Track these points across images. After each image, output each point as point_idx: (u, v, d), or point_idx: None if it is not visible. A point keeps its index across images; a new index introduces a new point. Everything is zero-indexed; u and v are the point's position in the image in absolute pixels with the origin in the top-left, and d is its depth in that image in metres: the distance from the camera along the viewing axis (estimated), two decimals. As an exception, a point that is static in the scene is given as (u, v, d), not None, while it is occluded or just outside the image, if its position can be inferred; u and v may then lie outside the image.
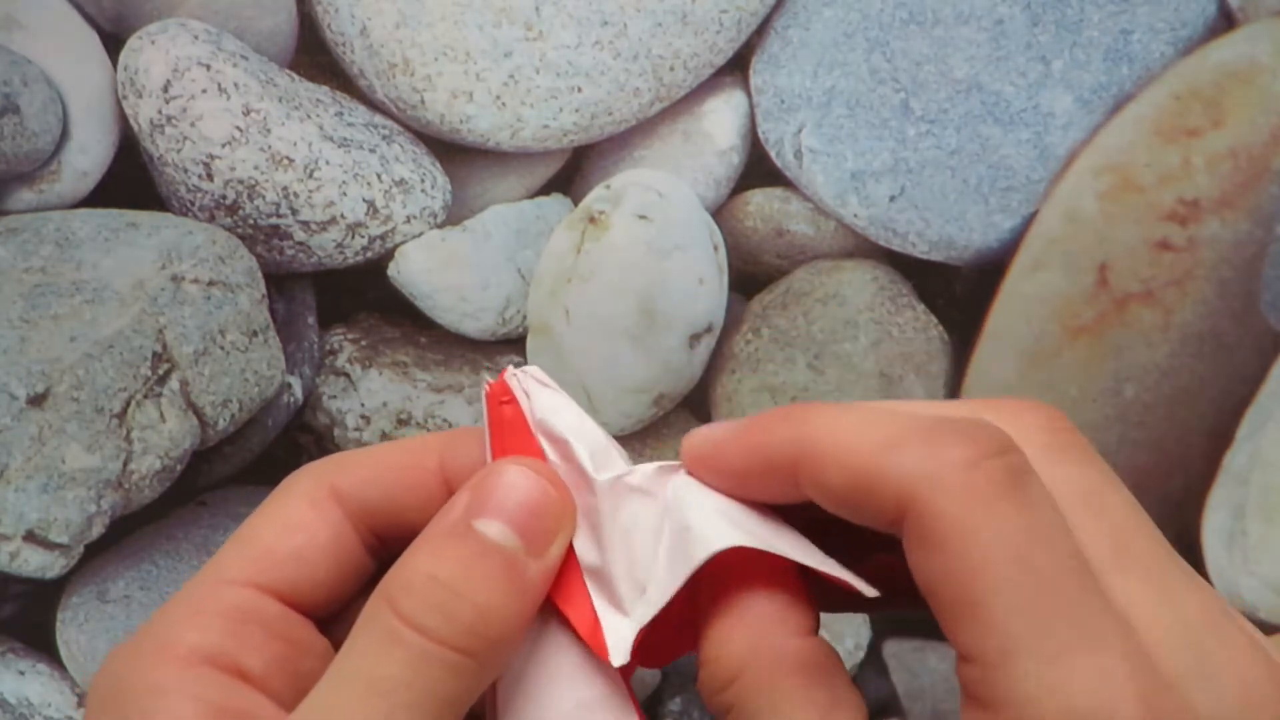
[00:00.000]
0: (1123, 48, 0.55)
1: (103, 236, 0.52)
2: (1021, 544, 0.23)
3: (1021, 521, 0.24)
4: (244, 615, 0.27)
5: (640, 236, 0.54)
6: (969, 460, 0.24)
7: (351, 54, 0.55)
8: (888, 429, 0.25)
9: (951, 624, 0.24)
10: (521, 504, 0.27)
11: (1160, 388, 0.54)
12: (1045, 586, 0.23)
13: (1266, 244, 0.54)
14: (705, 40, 0.55)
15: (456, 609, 0.25)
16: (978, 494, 0.24)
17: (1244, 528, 0.51)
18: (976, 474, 0.24)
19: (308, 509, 0.29)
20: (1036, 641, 0.23)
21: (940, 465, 0.24)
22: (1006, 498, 0.24)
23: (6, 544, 0.48)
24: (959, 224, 0.55)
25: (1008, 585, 0.23)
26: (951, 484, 0.24)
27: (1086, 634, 0.23)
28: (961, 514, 0.24)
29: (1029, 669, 0.23)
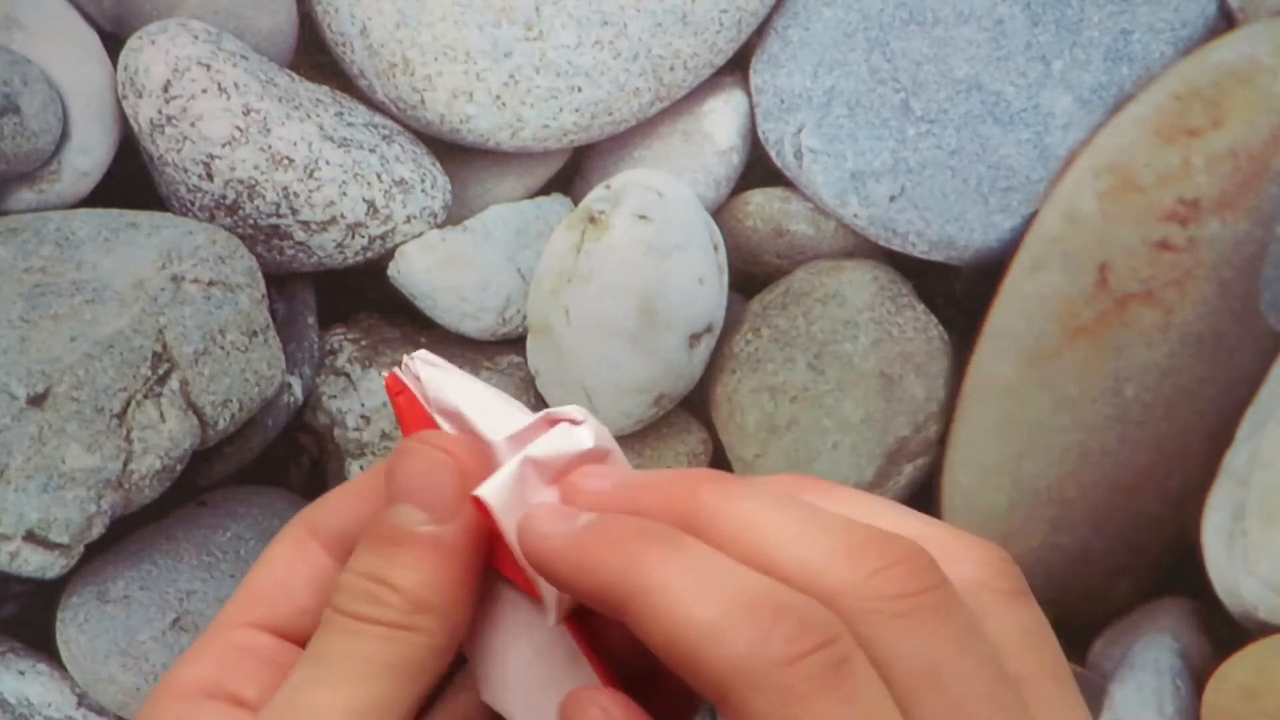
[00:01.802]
0: (1123, 48, 0.55)
1: (103, 236, 0.52)
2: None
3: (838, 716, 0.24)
4: (239, 651, 0.30)
5: (640, 236, 0.54)
6: (789, 656, 0.24)
7: (351, 54, 0.55)
8: (719, 599, 0.25)
9: None
10: (418, 479, 0.29)
11: (1160, 388, 0.54)
12: None
13: (1266, 244, 0.54)
14: (705, 40, 0.55)
15: (379, 593, 0.28)
16: (795, 694, 0.24)
17: (1244, 528, 0.51)
18: (796, 670, 0.24)
19: (289, 548, 0.32)
20: None
21: (759, 659, 0.24)
22: (827, 694, 0.24)
23: (6, 544, 0.48)
24: (959, 224, 0.55)
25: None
26: (768, 682, 0.24)
27: None
28: (775, 715, 0.24)
29: None
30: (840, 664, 0.24)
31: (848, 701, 0.24)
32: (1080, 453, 0.55)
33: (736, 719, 0.24)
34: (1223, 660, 0.51)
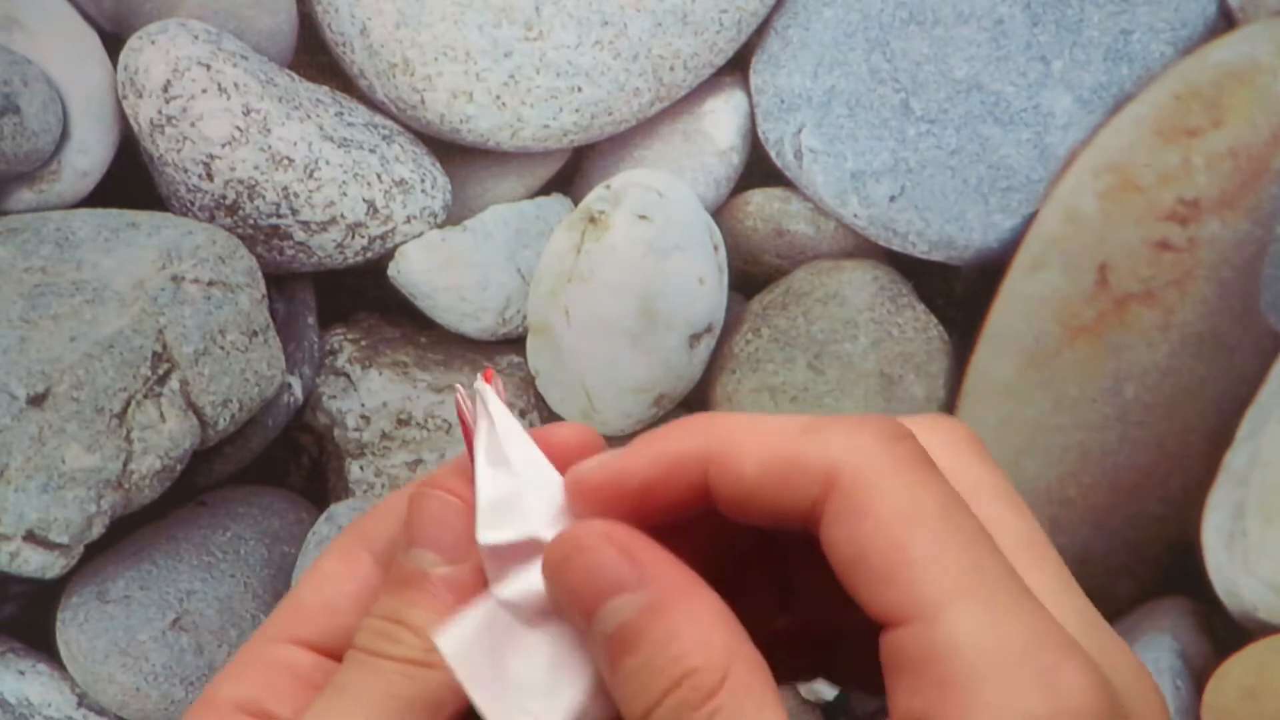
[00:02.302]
0: (1123, 48, 0.55)
1: (103, 236, 0.52)
2: (946, 510, 0.25)
3: (940, 492, 0.25)
4: (277, 668, 0.31)
5: (640, 236, 0.54)
6: (888, 436, 0.26)
7: (351, 54, 0.55)
8: (801, 420, 0.27)
9: (879, 589, 0.25)
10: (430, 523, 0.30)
11: (1160, 388, 0.54)
12: (973, 547, 0.25)
13: (1266, 244, 0.54)
14: (705, 40, 0.55)
15: (398, 633, 0.29)
16: (901, 466, 0.25)
17: (1244, 528, 0.51)
18: (897, 448, 0.26)
19: (339, 562, 0.32)
20: (974, 592, 0.24)
21: (862, 442, 0.26)
22: (924, 470, 0.26)
23: (6, 544, 0.48)
24: (959, 224, 0.55)
25: (941, 544, 0.24)
26: (876, 458, 0.25)
27: (1014, 589, 0.24)
28: (889, 483, 0.25)
29: (971, 617, 0.24)
30: (925, 453, 0.26)
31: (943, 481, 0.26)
32: (1080, 453, 0.55)
33: (840, 501, 0.25)
34: (1223, 660, 0.51)
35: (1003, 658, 0.23)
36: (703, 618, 0.26)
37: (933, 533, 0.24)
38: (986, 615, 0.24)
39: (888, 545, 0.25)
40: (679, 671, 0.25)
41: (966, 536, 0.25)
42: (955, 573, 0.24)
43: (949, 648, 0.23)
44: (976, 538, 0.25)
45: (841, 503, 0.25)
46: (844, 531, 0.25)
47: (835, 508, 0.25)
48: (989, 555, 0.25)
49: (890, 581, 0.24)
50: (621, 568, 0.26)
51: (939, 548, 0.24)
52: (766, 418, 0.27)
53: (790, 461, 0.26)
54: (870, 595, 0.25)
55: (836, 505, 0.25)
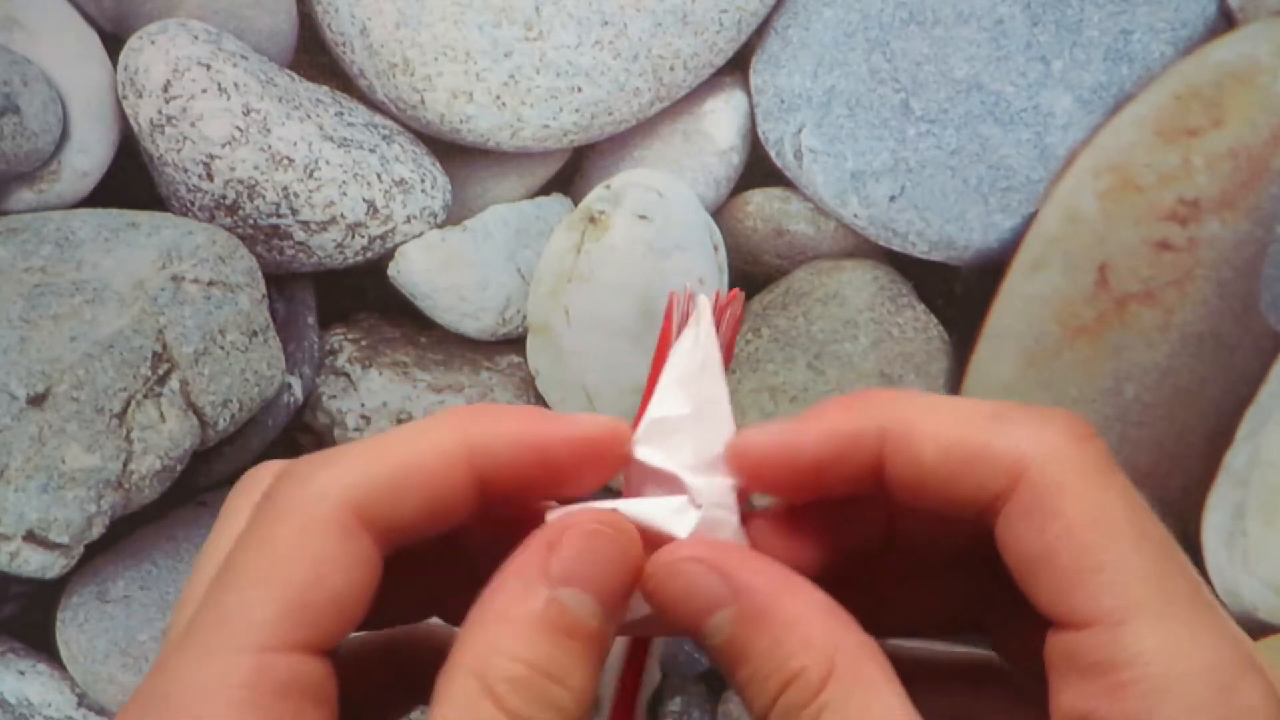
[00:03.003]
0: (1123, 48, 0.55)
1: (103, 236, 0.52)
2: (1136, 516, 0.25)
3: (1130, 497, 0.25)
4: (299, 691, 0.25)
5: (640, 236, 0.54)
6: (1076, 435, 0.25)
7: (351, 54, 0.55)
8: (984, 407, 0.26)
9: (1063, 590, 0.24)
10: (602, 567, 0.26)
11: (1160, 388, 0.54)
12: (1161, 556, 0.24)
13: (1266, 244, 0.54)
14: (705, 40, 0.55)
15: (558, 697, 0.25)
16: (1091, 468, 0.25)
17: (1244, 528, 0.51)
18: (1087, 448, 0.25)
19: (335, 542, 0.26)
20: (1160, 604, 0.24)
21: (1052, 438, 0.25)
22: (1113, 473, 0.25)
23: (6, 544, 0.48)
24: (959, 224, 0.55)
25: (1131, 552, 0.24)
26: (1067, 457, 0.25)
27: (1198, 601, 0.24)
28: (1080, 484, 0.25)
29: (1155, 628, 0.23)
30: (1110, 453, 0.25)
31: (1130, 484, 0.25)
32: (1080, 453, 0.55)
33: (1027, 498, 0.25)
34: (1223, 660, 0.51)
35: (1183, 672, 0.23)
36: (801, 618, 0.25)
37: (1122, 540, 0.24)
38: (1171, 629, 0.24)
39: (1077, 548, 0.24)
40: (786, 675, 0.25)
41: (1154, 547, 0.24)
42: (1143, 583, 0.24)
43: (1132, 656, 0.23)
44: (1164, 548, 0.25)
45: (1029, 499, 0.25)
46: (1030, 529, 0.25)
47: (1022, 504, 0.25)
48: (1175, 567, 0.24)
49: (1076, 585, 0.24)
50: (713, 584, 0.26)
51: (1128, 556, 0.24)
52: (947, 400, 0.27)
53: (975, 450, 0.25)
54: (1052, 595, 0.25)
55: (1023, 501, 0.25)
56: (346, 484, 0.26)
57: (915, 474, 0.26)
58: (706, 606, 0.26)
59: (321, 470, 0.26)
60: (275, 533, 0.26)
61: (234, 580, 0.25)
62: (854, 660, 0.25)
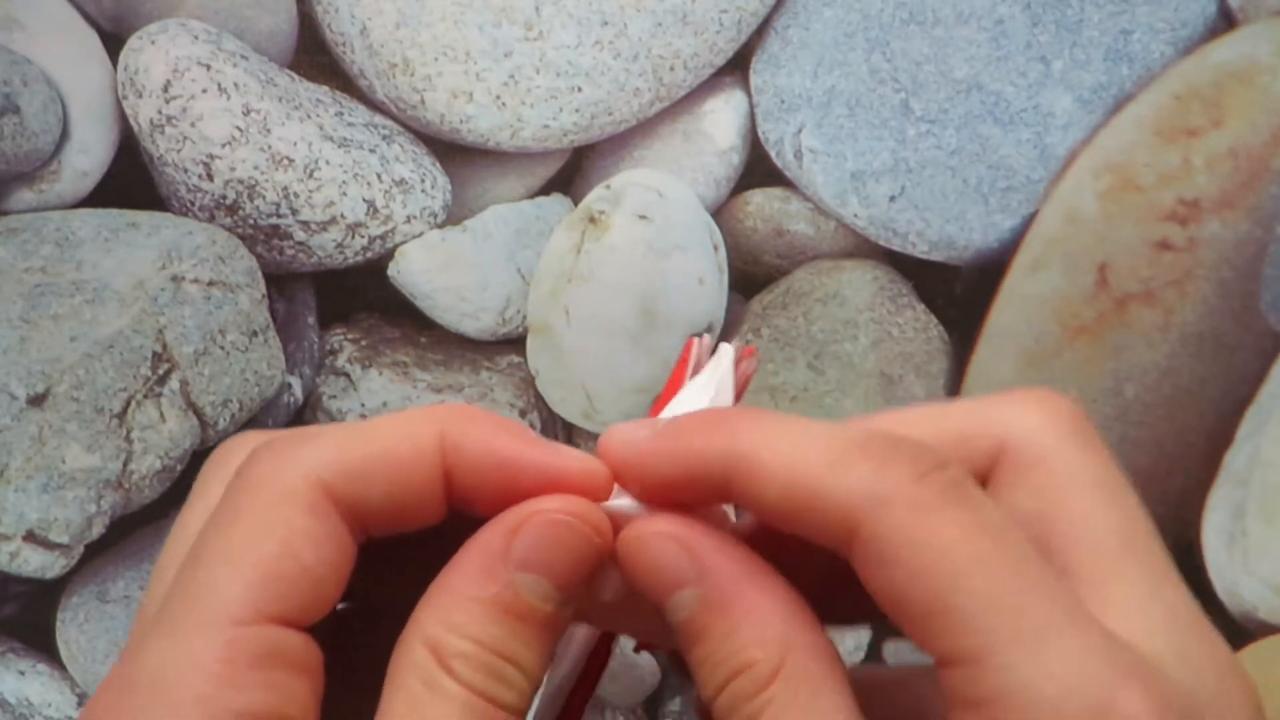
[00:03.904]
0: (1123, 48, 0.55)
1: (103, 236, 0.52)
2: (978, 545, 0.24)
3: (973, 524, 0.24)
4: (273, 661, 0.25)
5: (640, 236, 0.54)
6: (912, 476, 0.25)
7: (351, 54, 0.55)
8: (827, 445, 0.25)
9: (922, 634, 0.24)
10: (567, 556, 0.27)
11: (1160, 388, 0.54)
12: (1010, 579, 0.24)
13: (1266, 244, 0.54)
14: (705, 40, 0.55)
15: (508, 673, 0.26)
16: (926, 506, 0.24)
17: (1244, 528, 0.51)
18: (922, 487, 0.24)
19: (304, 516, 0.26)
20: (1015, 631, 0.23)
21: (884, 483, 0.25)
22: (954, 505, 0.24)
23: (6, 544, 0.48)
24: (959, 224, 0.55)
25: (974, 584, 0.24)
26: (899, 499, 0.24)
27: (1060, 617, 0.24)
28: (914, 527, 0.24)
29: (1014, 658, 0.23)
30: (961, 483, 0.25)
31: (976, 511, 0.25)
32: (1080, 453, 0.55)
33: (867, 547, 0.25)
34: (1223, 660, 0.51)
35: (1055, 694, 0.23)
36: (760, 611, 0.26)
37: (966, 573, 0.24)
38: (1034, 655, 0.23)
39: (921, 596, 0.24)
40: (736, 665, 0.25)
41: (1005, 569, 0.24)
42: (996, 615, 0.24)
43: (1000, 690, 0.23)
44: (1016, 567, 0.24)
45: (867, 550, 0.25)
46: (873, 576, 0.25)
47: (862, 554, 0.25)
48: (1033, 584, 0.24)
49: (932, 629, 0.24)
50: (681, 564, 0.26)
51: (974, 587, 0.24)
52: (799, 428, 0.26)
53: (810, 501, 0.25)
54: (916, 637, 0.25)
55: (863, 551, 0.25)
56: (318, 463, 0.26)
57: (761, 510, 0.26)
58: (672, 583, 0.27)
59: (295, 447, 0.27)
60: (245, 508, 0.26)
61: (205, 557, 0.26)
62: (805, 660, 0.25)
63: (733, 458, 0.26)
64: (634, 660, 0.56)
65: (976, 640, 0.24)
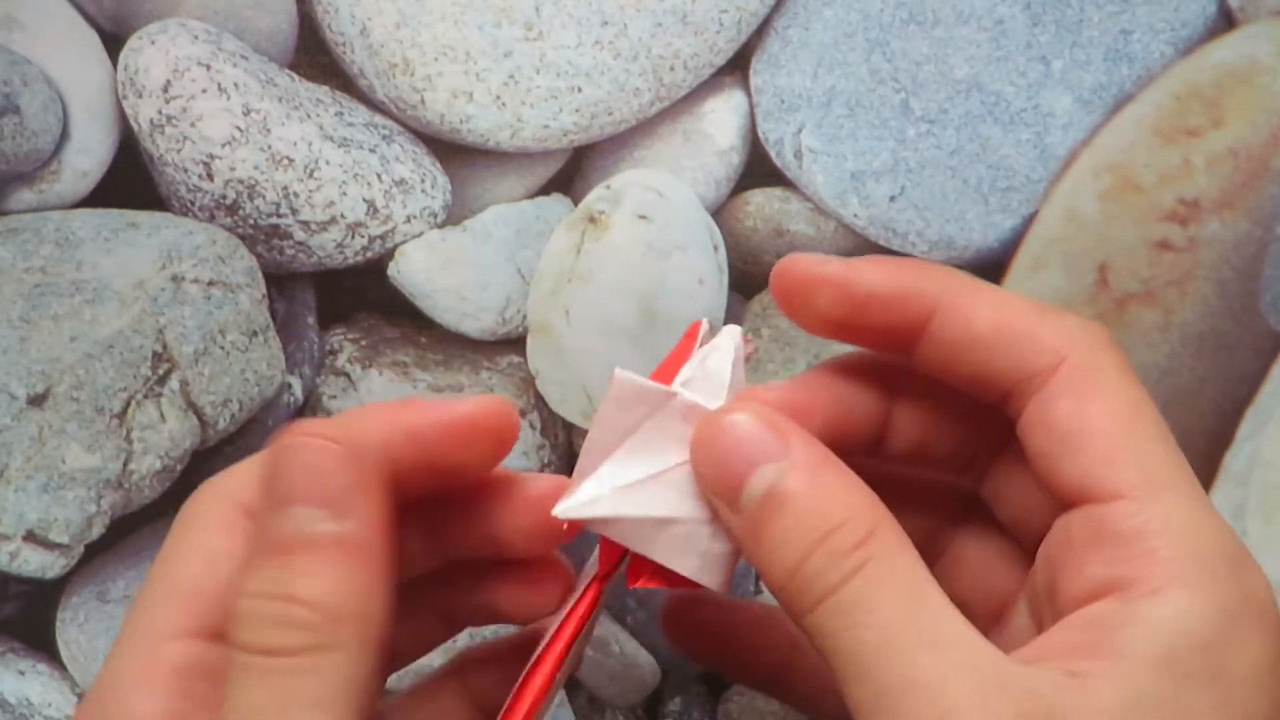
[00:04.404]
0: (1123, 48, 0.55)
1: (103, 236, 0.52)
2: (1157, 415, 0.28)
3: (1151, 401, 0.28)
4: (190, 672, 0.26)
5: (640, 236, 0.54)
6: (1110, 342, 0.28)
7: (351, 54, 0.55)
8: (1031, 301, 0.29)
9: (1095, 464, 0.27)
10: (307, 473, 0.25)
11: (1160, 388, 0.54)
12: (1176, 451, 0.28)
13: (1266, 244, 0.54)
14: (705, 40, 0.55)
15: (285, 613, 0.24)
16: (1124, 368, 0.28)
17: (1244, 528, 0.51)
18: (1119, 354, 0.28)
19: (223, 536, 0.27)
20: (1181, 487, 0.27)
21: (1094, 335, 0.28)
22: (1137, 380, 0.28)
23: (6, 544, 0.48)
24: (959, 224, 0.55)
25: (1154, 437, 0.27)
26: (1105, 353, 0.28)
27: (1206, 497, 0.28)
28: (1117, 377, 0.27)
29: (1177, 507, 0.26)
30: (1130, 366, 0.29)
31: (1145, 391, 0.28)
32: (1080, 453, 0.55)
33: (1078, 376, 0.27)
34: (1223, 660, 0.51)
35: (1204, 547, 0.26)
36: (849, 482, 0.27)
37: (1150, 428, 0.27)
38: (1192, 511, 0.26)
39: (1111, 426, 0.27)
40: (830, 524, 0.25)
41: (1171, 443, 0.28)
42: (1167, 466, 0.27)
43: (1161, 528, 0.26)
44: (1176, 447, 0.28)
45: (1072, 379, 0.27)
46: (1070, 405, 0.27)
47: (1064, 383, 0.27)
48: (1185, 464, 0.28)
49: (1109, 460, 0.26)
50: (769, 439, 0.27)
51: (1155, 442, 0.27)
52: (997, 288, 0.29)
53: (1026, 329, 0.27)
54: (1083, 468, 0.27)
55: (1066, 381, 0.27)
56: (235, 484, 0.28)
57: (964, 339, 0.28)
58: (757, 458, 0.27)
59: (223, 476, 0.28)
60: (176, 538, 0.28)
61: (146, 586, 0.27)
62: (894, 531, 0.26)
63: (949, 290, 0.28)
64: (634, 660, 0.56)
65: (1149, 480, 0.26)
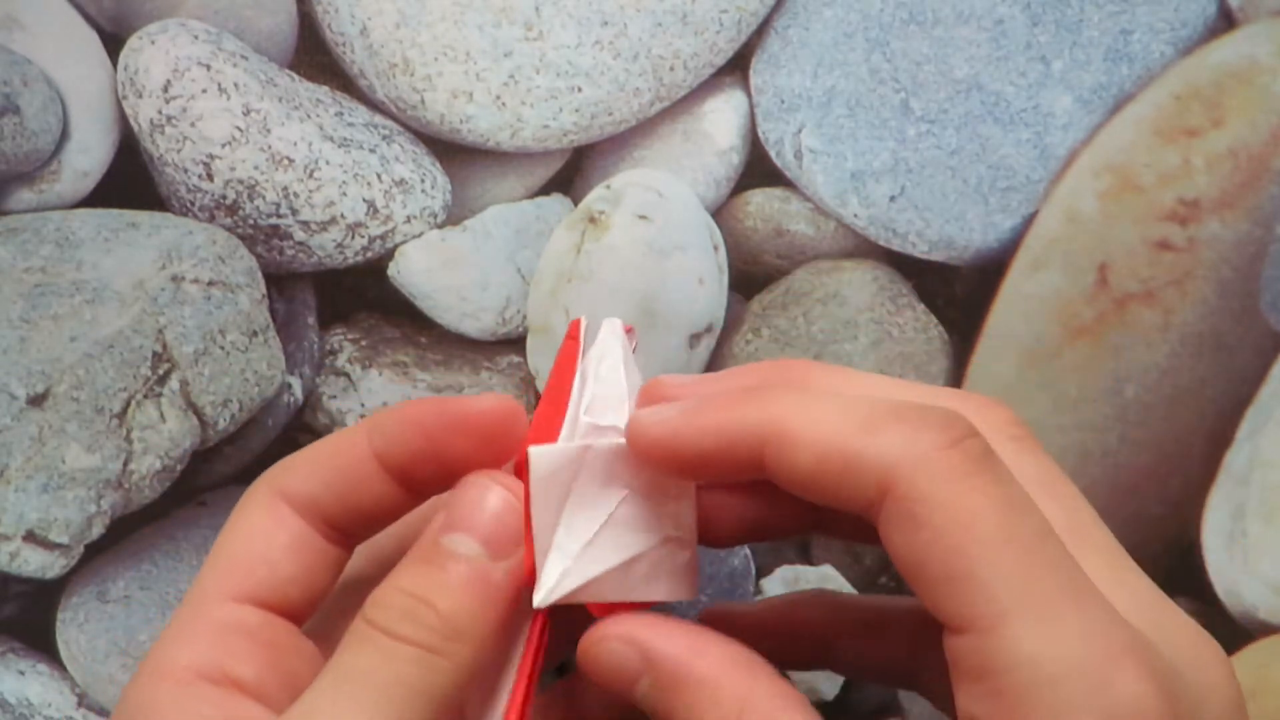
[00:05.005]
0: (1123, 48, 0.55)
1: (103, 236, 0.52)
2: (1003, 517, 0.25)
3: (999, 496, 0.25)
4: (228, 628, 0.30)
5: (640, 236, 0.54)
6: (946, 442, 0.26)
7: (351, 54, 0.55)
8: (860, 413, 0.27)
9: (939, 598, 0.25)
10: (486, 515, 0.29)
11: (1160, 388, 0.54)
12: (1029, 555, 0.25)
13: (1266, 244, 0.54)
14: (705, 40, 0.55)
15: (420, 613, 0.28)
16: (958, 473, 0.25)
17: (1244, 528, 0.51)
18: (954, 454, 0.25)
19: (264, 516, 0.32)
20: (1029, 605, 0.24)
21: (919, 448, 0.26)
22: (982, 475, 0.25)
23: (6, 544, 0.48)
24: (959, 224, 0.55)
25: (996, 555, 0.25)
26: (933, 465, 0.25)
27: (1070, 595, 0.25)
28: (945, 492, 0.25)
29: (1025, 630, 0.24)
30: (989, 454, 0.26)
31: (1003, 484, 0.26)
32: (1080, 453, 0.55)
33: (899, 507, 0.25)
34: (1223, 660, 0.51)
35: (1057, 671, 0.24)
36: (710, 678, 0.27)
37: (987, 543, 0.25)
38: (1040, 627, 0.24)
39: (942, 557, 0.25)
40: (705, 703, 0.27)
41: (1021, 547, 0.25)
42: (1010, 584, 0.24)
43: (1006, 661, 0.24)
44: (1035, 543, 0.25)
45: (898, 509, 0.25)
46: (900, 539, 0.25)
47: (891, 514, 0.26)
48: (1046, 564, 0.25)
49: (947, 593, 0.25)
50: (630, 658, 0.29)
51: (994, 561, 0.24)
52: (830, 400, 0.27)
53: (846, 460, 0.26)
54: (930, 603, 0.25)
55: (892, 511, 0.25)
56: (274, 475, 0.33)
57: (793, 478, 0.27)
58: (629, 678, 0.29)
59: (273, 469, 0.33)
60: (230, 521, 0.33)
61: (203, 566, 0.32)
62: (763, 709, 0.27)
63: (767, 427, 0.27)
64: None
65: (988, 607, 0.24)
